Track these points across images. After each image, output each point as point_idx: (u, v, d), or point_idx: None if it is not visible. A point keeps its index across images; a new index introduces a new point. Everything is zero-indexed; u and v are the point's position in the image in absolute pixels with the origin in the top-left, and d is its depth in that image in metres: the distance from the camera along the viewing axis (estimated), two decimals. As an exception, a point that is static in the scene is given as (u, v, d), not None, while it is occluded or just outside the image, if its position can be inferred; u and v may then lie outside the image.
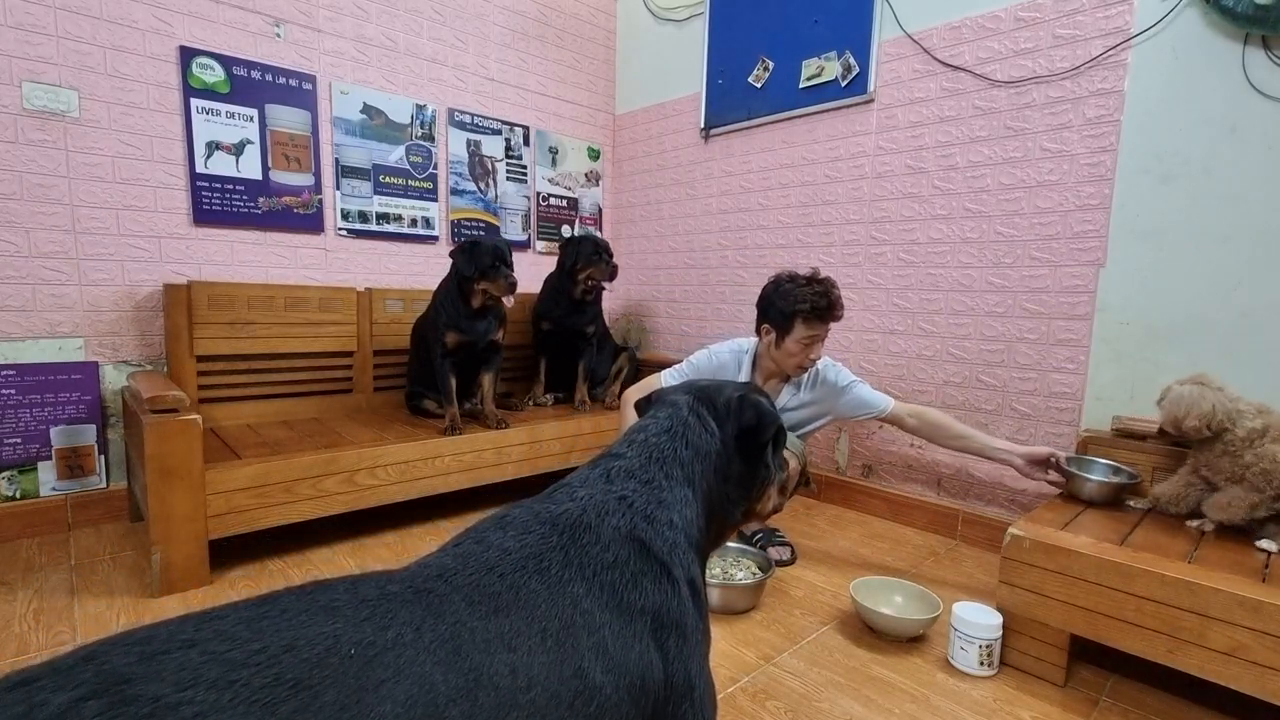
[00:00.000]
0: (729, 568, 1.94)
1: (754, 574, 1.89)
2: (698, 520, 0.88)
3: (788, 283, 2.03)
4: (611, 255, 2.96)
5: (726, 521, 0.96)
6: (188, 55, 2.36)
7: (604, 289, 2.98)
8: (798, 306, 1.99)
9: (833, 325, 2.04)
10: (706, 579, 1.55)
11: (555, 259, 3.05)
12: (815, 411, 2.18)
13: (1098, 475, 1.86)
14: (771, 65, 2.92)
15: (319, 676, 0.50)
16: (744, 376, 2.15)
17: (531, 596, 0.67)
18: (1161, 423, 1.68)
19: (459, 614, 0.61)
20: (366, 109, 2.81)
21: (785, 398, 2.14)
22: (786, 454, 2.03)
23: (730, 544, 2.01)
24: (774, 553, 2.08)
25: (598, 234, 3.76)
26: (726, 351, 2.20)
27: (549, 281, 3.03)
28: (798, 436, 2.16)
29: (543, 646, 0.64)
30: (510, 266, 2.51)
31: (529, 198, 3.45)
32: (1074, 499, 1.85)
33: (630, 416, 2.25)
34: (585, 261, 2.89)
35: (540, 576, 0.69)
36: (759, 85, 2.97)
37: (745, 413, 0.95)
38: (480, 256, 2.46)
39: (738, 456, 0.95)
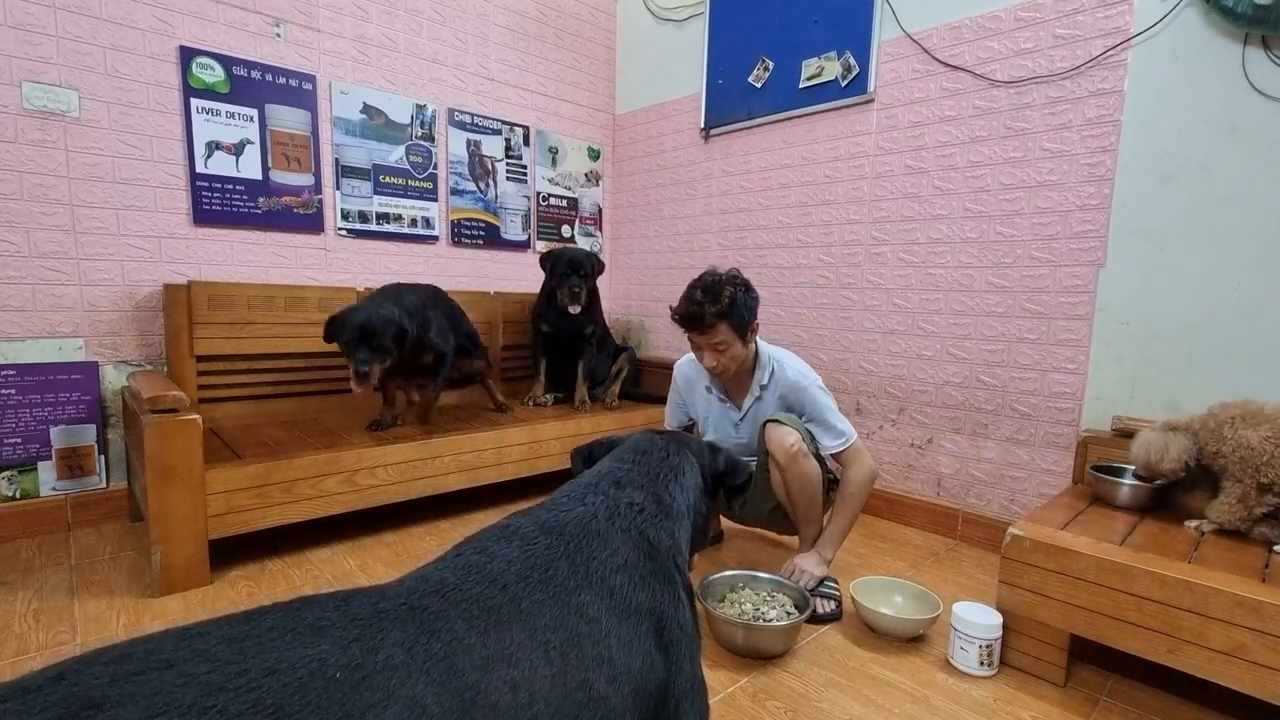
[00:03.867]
0: (760, 604, 1.68)
1: (788, 613, 1.66)
2: (691, 537, 0.94)
3: (693, 281, 1.89)
4: (590, 271, 2.90)
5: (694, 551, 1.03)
6: (188, 55, 2.36)
7: (571, 313, 2.87)
8: (671, 312, 1.86)
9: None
10: (732, 615, 1.59)
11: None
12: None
13: (1130, 479, 1.82)
14: (771, 65, 2.92)
15: (301, 702, 0.47)
16: (704, 379, 2.02)
17: (535, 608, 0.65)
18: (1134, 467, 1.73)
19: (455, 631, 0.59)
20: (366, 109, 2.81)
21: (749, 402, 1.95)
22: (790, 431, 1.78)
23: (763, 575, 1.78)
24: (818, 603, 1.78)
25: (585, 245, 3.75)
26: (686, 362, 2.09)
27: (545, 285, 3.03)
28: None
29: (546, 660, 0.62)
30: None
31: (529, 198, 3.45)
32: (1109, 504, 1.82)
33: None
34: (558, 280, 2.88)
35: (545, 586, 0.68)
36: (759, 85, 2.97)
37: (719, 458, 1.06)
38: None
39: (707, 495, 1.04)
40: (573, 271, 2.87)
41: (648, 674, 0.71)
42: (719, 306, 1.77)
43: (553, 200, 3.56)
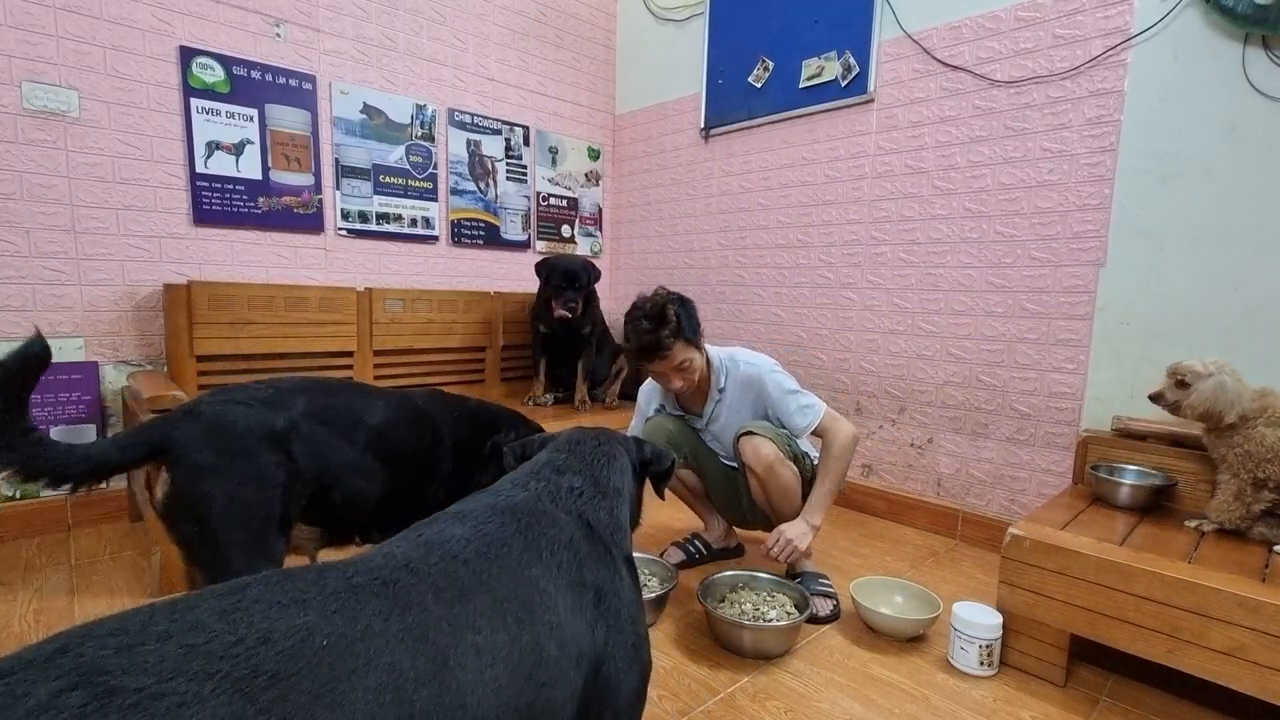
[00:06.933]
0: (760, 604, 1.70)
1: (788, 613, 1.67)
2: (628, 516, 1.02)
3: (629, 313, 1.82)
4: (585, 282, 2.86)
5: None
6: (188, 55, 2.36)
7: (567, 318, 2.85)
8: (622, 345, 1.84)
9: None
10: (732, 616, 1.62)
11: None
12: (757, 409, 1.90)
13: (1130, 480, 1.83)
14: (771, 65, 2.92)
15: (295, 667, 0.51)
16: (657, 401, 2.04)
17: (493, 581, 0.72)
18: (1192, 412, 1.57)
19: (425, 603, 0.65)
20: (366, 109, 2.81)
21: (709, 407, 1.93)
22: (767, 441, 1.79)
23: (763, 575, 1.79)
24: (818, 603, 1.77)
25: (585, 245, 3.75)
26: (647, 386, 2.08)
27: (542, 289, 3.02)
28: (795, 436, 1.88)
29: (504, 626, 0.69)
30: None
31: (529, 198, 3.45)
32: (1109, 504, 1.82)
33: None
34: (553, 292, 2.86)
35: (501, 561, 0.75)
36: (759, 85, 2.97)
37: (644, 449, 1.15)
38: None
39: (636, 481, 1.12)
40: (568, 285, 2.84)
41: (588, 639, 0.80)
42: (670, 327, 1.74)
43: (553, 200, 3.56)
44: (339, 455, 1.38)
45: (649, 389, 2.08)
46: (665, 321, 1.74)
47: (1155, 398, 1.66)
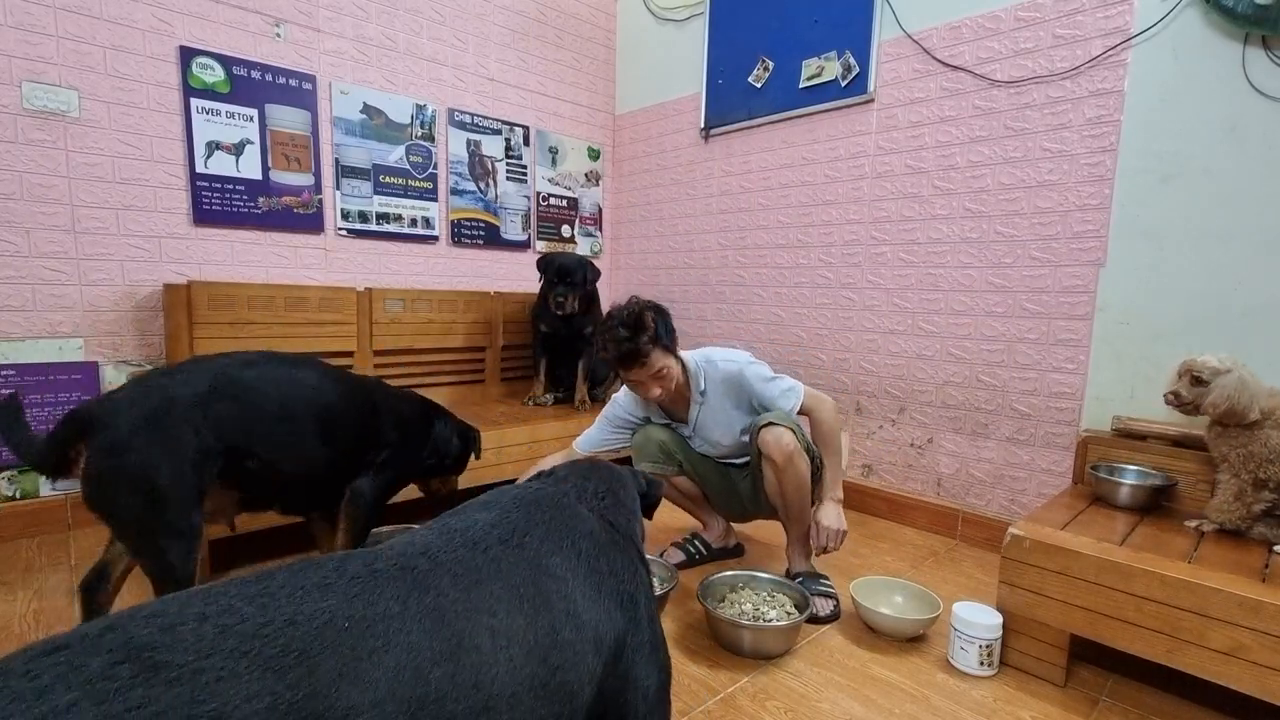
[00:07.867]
0: (760, 604, 1.71)
1: (788, 613, 1.68)
2: (639, 532, 1.06)
3: (604, 322, 1.81)
4: (580, 279, 2.86)
5: None
6: (188, 55, 2.36)
7: (558, 315, 2.85)
8: (599, 355, 1.85)
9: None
10: (732, 616, 1.64)
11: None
12: (740, 404, 1.91)
13: (1130, 479, 1.83)
14: (771, 65, 2.92)
15: (319, 647, 0.56)
16: (640, 411, 2.02)
17: (511, 566, 0.76)
18: (1215, 410, 1.53)
19: (442, 587, 0.68)
20: (366, 109, 2.81)
21: (694, 412, 1.93)
22: (781, 427, 1.80)
23: (763, 575, 1.80)
24: (818, 603, 1.78)
25: (585, 245, 3.74)
26: (624, 396, 2.04)
27: (542, 287, 3.02)
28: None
29: (520, 610, 0.73)
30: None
31: (529, 198, 3.45)
32: (1109, 504, 1.82)
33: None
34: (548, 286, 2.87)
35: (520, 550, 0.79)
36: (759, 85, 2.97)
37: (638, 479, 1.18)
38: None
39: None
40: (560, 280, 2.85)
41: (606, 626, 0.83)
42: (648, 334, 1.73)
43: (553, 200, 3.56)
44: (253, 423, 1.42)
45: (624, 398, 2.04)
46: (643, 329, 1.73)
47: (1174, 396, 1.61)
